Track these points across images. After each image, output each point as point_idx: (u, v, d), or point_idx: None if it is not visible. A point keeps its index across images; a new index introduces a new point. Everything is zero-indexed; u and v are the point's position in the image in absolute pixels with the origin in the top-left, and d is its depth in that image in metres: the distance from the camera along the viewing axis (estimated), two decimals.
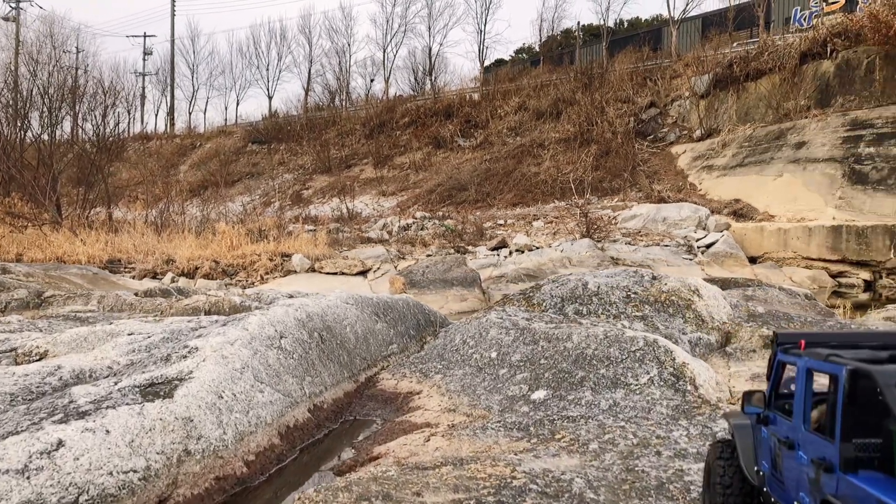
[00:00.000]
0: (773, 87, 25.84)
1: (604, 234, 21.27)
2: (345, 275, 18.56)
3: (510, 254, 20.07)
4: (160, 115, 59.48)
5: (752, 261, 19.72)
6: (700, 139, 27.89)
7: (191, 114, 55.36)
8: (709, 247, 19.97)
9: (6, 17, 46.32)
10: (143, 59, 57.58)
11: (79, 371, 6.34)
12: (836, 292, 17.87)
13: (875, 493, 2.46)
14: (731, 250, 19.64)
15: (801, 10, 29.52)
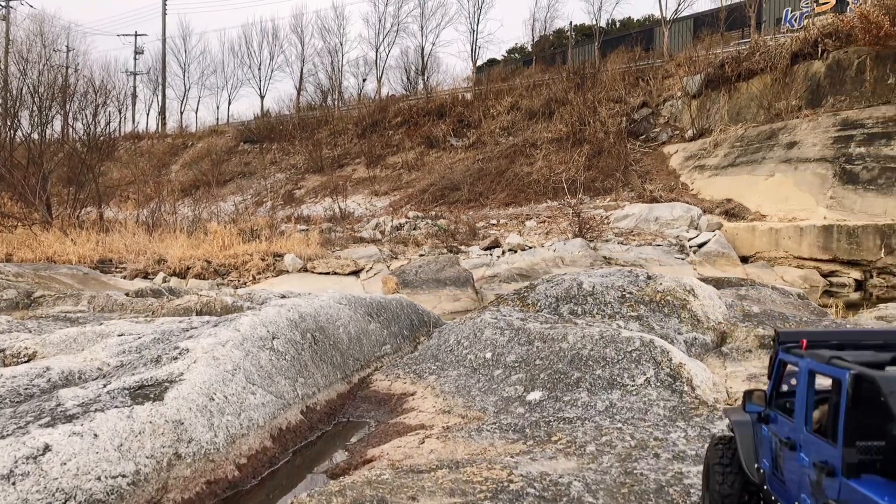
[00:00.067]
0: (765, 88, 25.90)
1: (596, 234, 21.26)
2: (337, 275, 18.46)
3: (503, 253, 20.02)
4: (151, 114, 59.38)
5: (743, 260, 19.75)
6: (692, 139, 27.93)
7: (182, 113, 55.11)
8: (701, 246, 19.98)
9: None
10: (135, 58, 57.40)
11: (68, 373, 6.24)
12: (828, 292, 17.92)
13: (878, 500, 2.42)
14: (722, 250, 19.67)
15: (791, 10, 29.65)
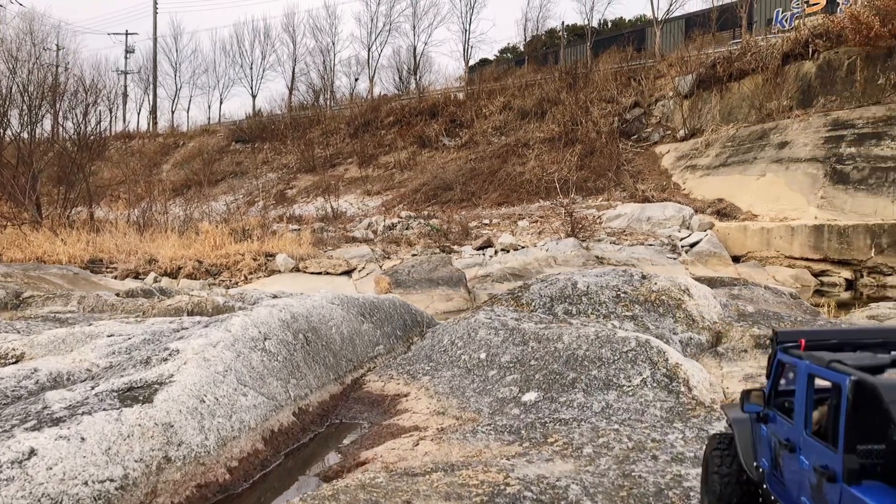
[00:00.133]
0: (756, 88, 25.96)
1: (588, 234, 21.25)
2: (329, 274, 18.37)
3: (496, 253, 19.97)
4: (142, 113, 59.03)
5: (735, 260, 19.79)
6: (684, 139, 27.96)
7: (174, 112, 54.74)
8: (693, 246, 20.00)
9: None
10: (125, 57, 56.99)
11: (56, 374, 6.13)
12: (819, 291, 17.98)
13: None
14: (714, 249, 19.70)
15: (782, 11, 29.75)
